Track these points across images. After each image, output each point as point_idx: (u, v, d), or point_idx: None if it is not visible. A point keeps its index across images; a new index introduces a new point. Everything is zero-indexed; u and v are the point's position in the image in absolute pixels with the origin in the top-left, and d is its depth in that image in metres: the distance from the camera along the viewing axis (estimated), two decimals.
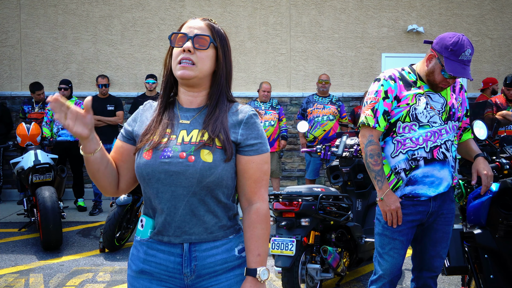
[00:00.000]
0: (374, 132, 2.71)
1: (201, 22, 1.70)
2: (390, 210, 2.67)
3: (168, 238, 1.64)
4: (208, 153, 1.60)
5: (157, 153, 1.62)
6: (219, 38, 1.70)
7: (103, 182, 1.68)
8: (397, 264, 2.81)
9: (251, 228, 1.66)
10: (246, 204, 1.70)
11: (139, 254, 1.69)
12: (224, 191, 1.65)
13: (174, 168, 1.59)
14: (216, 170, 1.60)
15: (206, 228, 1.64)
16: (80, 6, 8.44)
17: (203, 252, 1.64)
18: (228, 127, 1.65)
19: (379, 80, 2.74)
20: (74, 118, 1.51)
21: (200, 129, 1.64)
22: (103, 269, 4.70)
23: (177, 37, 1.68)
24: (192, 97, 1.71)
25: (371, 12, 8.65)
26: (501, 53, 8.80)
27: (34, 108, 7.66)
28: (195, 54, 1.64)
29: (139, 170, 1.63)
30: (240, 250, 1.70)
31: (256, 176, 1.67)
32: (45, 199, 5.18)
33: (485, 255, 3.18)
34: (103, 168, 1.65)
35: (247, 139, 1.66)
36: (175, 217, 1.61)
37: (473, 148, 2.92)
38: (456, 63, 2.55)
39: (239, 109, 1.70)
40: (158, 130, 1.66)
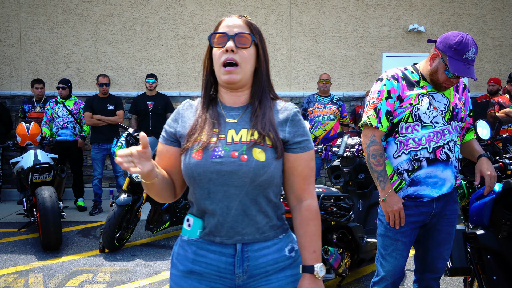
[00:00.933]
0: (377, 132, 2.68)
1: (238, 19, 1.68)
2: (392, 211, 2.65)
3: (221, 238, 1.62)
4: (260, 151, 1.59)
5: (208, 153, 1.60)
6: (258, 35, 1.70)
7: (166, 196, 1.68)
8: (400, 265, 2.78)
9: (304, 225, 1.65)
10: (295, 201, 1.69)
11: (187, 254, 1.67)
12: (274, 190, 1.64)
13: (226, 168, 1.58)
14: (269, 168, 1.59)
15: (258, 228, 1.63)
16: (80, 5, 8.41)
17: (255, 252, 1.63)
18: (276, 125, 1.64)
19: (381, 80, 2.71)
20: (139, 159, 1.48)
21: (249, 128, 1.63)
22: (103, 269, 4.68)
23: (217, 37, 1.66)
24: (235, 96, 1.70)
25: (372, 12, 8.63)
26: (502, 53, 8.77)
27: (34, 107, 7.64)
28: (237, 53, 1.62)
29: (189, 171, 1.61)
30: (290, 250, 1.68)
31: (305, 173, 1.67)
32: (45, 199, 5.15)
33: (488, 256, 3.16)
34: (165, 187, 1.65)
35: (295, 136, 1.65)
36: (228, 217, 1.60)
37: (476, 148, 2.89)
38: (460, 62, 2.52)
39: (284, 107, 1.69)
40: (205, 130, 1.64)
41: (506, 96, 6.14)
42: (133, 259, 5.01)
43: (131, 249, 5.36)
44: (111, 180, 8.34)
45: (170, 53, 8.54)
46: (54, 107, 7.34)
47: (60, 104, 7.35)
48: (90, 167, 8.13)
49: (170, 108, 7.85)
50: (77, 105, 7.44)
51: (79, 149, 7.43)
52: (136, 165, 1.46)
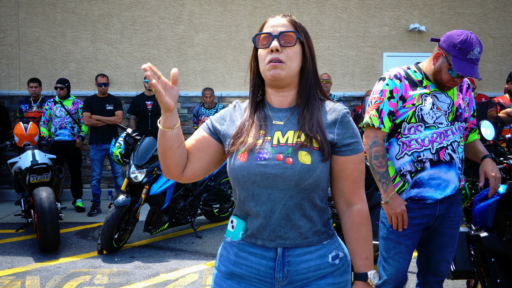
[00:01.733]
0: (379, 133, 2.62)
1: (282, 19, 1.65)
2: (395, 213, 2.59)
3: (262, 241, 1.59)
4: (306, 154, 1.55)
5: (253, 155, 1.57)
6: (304, 33, 1.66)
7: (171, 161, 1.60)
8: (402, 268, 2.73)
9: (356, 231, 1.61)
10: (345, 206, 1.64)
11: (229, 255, 1.65)
12: (320, 194, 1.59)
13: (271, 171, 1.54)
14: (315, 172, 1.54)
15: (301, 233, 1.58)
16: (79, 5, 8.36)
17: (297, 257, 1.59)
18: (324, 126, 1.60)
19: (384, 79, 2.65)
20: (164, 87, 1.47)
21: (296, 129, 1.60)
22: (101, 271, 4.63)
23: (261, 38, 1.63)
24: (282, 97, 1.66)
25: (372, 11, 8.58)
26: (504, 52, 8.72)
27: (31, 106, 7.59)
28: (283, 52, 1.59)
29: (234, 173, 1.59)
30: (334, 257, 1.63)
31: (354, 176, 1.62)
32: (42, 200, 5.10)
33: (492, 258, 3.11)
34: (176, 146, 1.58)
35: (344, 138, 1.60)
36: (271, 220, 1.57)
37: (480, 149, 2.83)
38: (464, 62, 2.46)
39: (332, 107, 1.64)
40: (252, 132, 1.62)
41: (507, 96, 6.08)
42: (131, 260, 4.95)
43: (129, 250, 5.31)
44: (110, 181, 8.30)
45: (170, 52, 8.48)
46: (52, 107, 7.29)
47: (58, 104, 7.29)
48: (89, 167, 8.08)
49: None
50: (75, 105, 7.39)
51: (78, 150, 7.38)
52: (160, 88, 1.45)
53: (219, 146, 1.69)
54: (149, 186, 5.32)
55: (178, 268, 4.72)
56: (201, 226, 6.33)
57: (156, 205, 5.43)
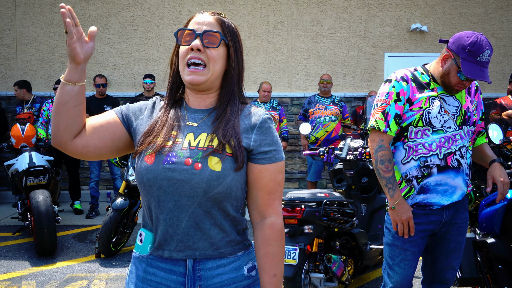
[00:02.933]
0: (385, 136, 2.54)
1: (210, 16, 1.54)
2: (401, 220, 2.51)
3: (170, 253, 1.47)
4: (217, 161, 1.44)
5: (160, 157, 1.46)
6: (231, 34, 1.55)
7: (62, 120, 1.45)
8: (408, 276, 2.65)
9: (266, 245, 1.51)
10: (258, 218, 1.54)
11: (137, 272, 1.53)
12: (233, 203, 1.49)
13: (178, 176, 1.43)
14: (225, 180, 1.44)
15: (212, 243, 1.47)
16: (77, 5, 8.27)
17: (209, 271, 1.48)
18: (240, 132, 1.50)
19: (390, 81, 2.56)
20: (78, 37, 1.39)
21: (209, 133, 1.49)
22: (98, 276, 4.54)
23: (184, 34, 1.52)
24: (200, 98, 1.56)
25: (373, 11, 8.50)
26: (506, 53, 8.64)
27: (23, 108, 7.48)
28: (204, 52, 1.49)
29: (140, 176, 1.48)
30: (250, 268, 1.54)
31: (269, 187, 1.51)
32: (39, 203, 5.01)
33: (499, 265, 3.04)
34: (71, 105, 1.44)
35: (261, 145, 1.50)
36: (178, 229, 1.46)
37: (488, 153, 2.75)
38: (474, 64, 2.38)
39: (252, 112, 1.54)
40: (163, 132, 1.50)
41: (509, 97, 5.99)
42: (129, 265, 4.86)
43: (127, 254, 5.23)
44: (109, 182, 8.21)
45: (169, 53, 8.36)
46: (50, 108, 7.20)
47: None
48: (87, 169, 7.99)
49: None
50: None
51: None
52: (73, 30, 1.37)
53: (125, 135, 1.56)
54: None
55: None
56: None
57: None
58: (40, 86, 8.29)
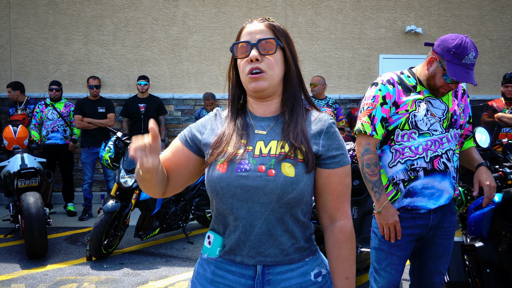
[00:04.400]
0: (371, 140, 2.53)
1: (260, 24, 1.55)
2: (387, 224, 2.50)
3: (241, 258, 1.49)
4: (290, 166, 1.45)
5: (233, 165, 1.48)
6: (284, 37, 1.56)
7: (153, 193, 1.56)
8: (395, 280, 2.64)
9: (337, 249, 1.52)
10: (328, 221, 1.55)
11: (205, 273, 1.55)
12: (303, 209, 1.50)
13: (252, 183, 1.45)
14: (299, 185, 1.45)
15: (283, 249, 1.49)
16: (71, 6, 8.25)
17: (277, 276, 1.49)
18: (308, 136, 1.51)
19: (376, 85, 2.55)
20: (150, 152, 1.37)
21: (279, 140, 1.51)
22: (89, 279, 4.52)
23: (239, 47, 1.54)
24: (265, 106, 1.58)
25: (368, 13, 8.49)
26: (501, 55, 8.64)
27: (17, 110, 7.45)
28: (263, 61, 1.50)
29: (212, 184, 1.49)
30: (316, 274, 1.54)
31: (339, 191, 1.53)
32: (30, 205, 4.98)
33: (487, 269, 3.02)
34: (159, 184, 1.53)
35: (329, 150, 1.51)
36: (251, 236, 1.47)
37: (475, 157, 2.74)
38: (459, 67, 2.37)
39: (318, 117, 1.57)
40: (232, 141, 1.52)
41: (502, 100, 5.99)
42: (120, 267, 4.84)
43: (119, 256, 5.20)
44: (102, 184, 8.18)
45: (163, 54, 8.38)
46: (44, 110, 7.18)
47: (50, 106, 7.18)
48: (80, 171, 7.96)
49: (162, 110, 7.70)
50: (67, 108, 7.28)
51: (70, 153, 7.27)
52: (148, 157, 1.36)
53: (198, 159, 1.60)
54: (139, 191, 5.21)
55: (167, 276, 4.61)
56: (193, 231, 6.22)
57: (146, 210, 5.33)
58: (34, 87, 8.27)
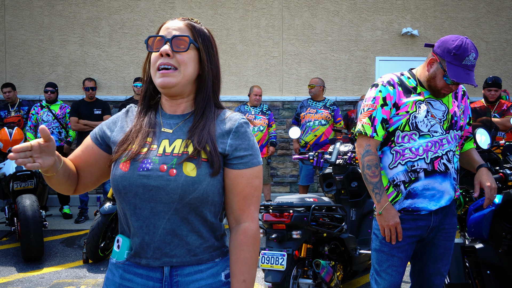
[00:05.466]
0: (372, 141, 2.52)
1: (180, 22, 1.53)
2: (389, 225, 2.49)
3: (146, 260, 1.46)
4: (193, 167, 1.43)
5: (135, 164, 1.45)
6: (201, 38, 1.54)
7: (62, 190, 1.57)
8: (396, 282, 2.62)
9: (238, 251, 1.49)
10: (234, 223, 1.53)
11: (114, 278, 1.51)
12: (210, 209, 1.47)
13: (153, 182, 1.42)
14: (201, 185, 1.42)
15: (190, 249, 1.46)
16: (67, 8, 8.22)
17: (186, 277, 1.46)
18: (216, 136, 1.48)
19: (376, 86, 2.54)
20: (39, 152, 1.34)
21: (184, 139, 1.48)
22: (86, 282, 4.48)
23: (155, 41, 1.51)
24: (175, 104, 1.55)
25: (365, 15, 8.50)
26: (496, 57, 8.67)
27: (10, 112, 7.39)
28: (174, 57, 1.48)
29: (115, 183, 1.47)
30: (227, 275, 1.52)
31: (245, 192, 1.50)
32: (26, 208, 4.95)
33: (488, 271, 3.02)
34: (64, 181, 1.52)
35: (236, 150, 1.49)
36: (155, 237, 1.44)
37: (476, 159, 2.73)
38: (460, 68, 2.36)
39: (228, 117, 1.54)
40: (138, 139, 1.49)
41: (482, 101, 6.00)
42: None
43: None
44: (98, 187, 8.15)
45: None
46: (39, 112, 7.13)
47: (45, 108, 7.14)
48: None
49: None
50: (62, 110, 7.24)
51: (65, 155, 7.22)
52: (35, 160, 1.33)
53: (108, 157, 1.57)
54: None
55: None
56: None
57: None
58: (29, 89, 8.22)
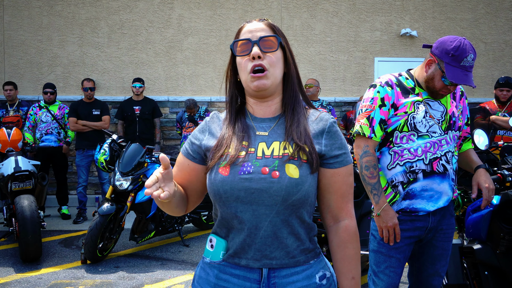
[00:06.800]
0: (370, 142, 2.52)
1: (260, 23, 1.54)
2: (387, 226, 2.48)
3: (247, 261, 1.46)
4: (294, 167, 1.43)
5: (236, 168, 1.45)
6: (283, 37, 1.55)
7: (176, 212, 1.56)
8: (394, 283, 2.62)
9: (342, 248, 1.50)
10: (332, 221, 1.53)
11: (208, 277, 1.52)
12: (308, 210, 1.48)
13: (256, 185, 1.42)
14: (303, 186, 1.43)
15: (288, 252, 1.46)
16: (65, 8, 8.21)
17: (283, 279, 1.47)
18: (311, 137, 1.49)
19: (375, 87, 2.54)
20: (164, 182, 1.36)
21: (282, 140, 1.49)
22: (84, 282, 4.48)
23: (239, 45, 1.52)
24: (265, 106, 1.55)
25: (363, 16, 8.50)
26: (495, 58, 8.68)
27: (8, 111, 7.38)
28: (265, 59, 1.48)
29: (215, 188, 1.46)
30: (321, 277, 1.52)
31: (342, 190, 1.51)
32: (24, 208, 4.94)
33: (485, 271, 3.01)
34: (180, 203, 1.54)
35: (332, 149, 1.50)
36: (256, 239, 1.45)
37: (474, 159, 2.73)
38: (458, 69, 2.36)
39: (319, 117, 1.54)
40: (233, 144, 1.49)
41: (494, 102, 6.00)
42: (116, 271, 4.80)
43: (114, 260, 5.16)
44: (97, 187, 8.14)
45: (158, 57, 8.35)
46: (38, 112, 7.13)
47: (44, 109, 7.13)
48: (75, 173, 7.92)
49: (157, 113, 7.66)
50: (61, 110, 7.24)
51: (64, 156, 7.22)
52: (163, 188, 1.34)
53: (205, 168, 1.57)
54: (135, 194, 5.18)
55: (163, 279, 4.58)
56: (189, 234, 6.19)
57: (142, 213, 5.30)
58: (28, 89, 8.22)
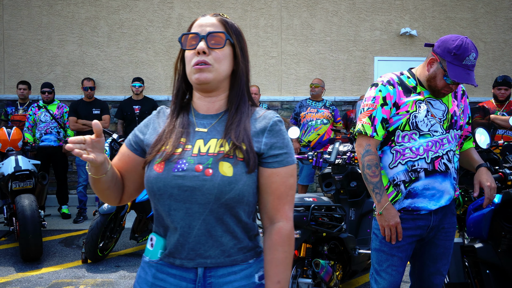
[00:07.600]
0: (372, 141, 2.52)
1: (212, 18, 1.52)
2: (389, 225, 2.49)
3: (181, 261, 1.44)
4: (229, 166, 1.41)
5: (170, 165, 1.43)
6: (235, 34, 1.54)
7: (110, 198, 1.55)
8: (396, 282, 2.63)
9: (272, 251, 1.47)
10: (268, 223, 1.50)
11: (146, 277, 1.50)
12: (245, 209, 1.46)
13: (189, 183, 1.41)
14: (237, 185, 1.41)
15: (224, 250, 1.44)
16: (65, 7, 8.21)
17: (219, 278, 1.45)
18: (251, 135, 1.47)
19: (376, 85, 2.55)
20: (91, 147, 1.38)
21: (219, 138, 1.47)
22: (84, 281, 4.48)
23: (188, 38, 1.50)
24: (209, 102, 1.54)
25: (363, 15, 8.51)
26: (495, 57, 8.69)
27: (18, 109, 7.40)
28: (210, 55, 1.47)
29: (149, 185, 1.45)
30: (261, 276, 1.50)
31: (280, 191, 1.48)
32: (24, 208, 4.94)
33: (487, 270, 3.02)
34: (112, 185, 1.52)
35: (271, 148, 1.47)
36: (189, 237, 1.43)
37: (475, 158, 2.74)
38: (460, 68, 2.36)
39: (262, 115, 1.52)
40: (171, 140, 1.48)
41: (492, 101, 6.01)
42: (116, 270, 4.81)
43: (115, 259, 5.16)
44: None
45: (158, 56, 8.35)
46: (37, 112, 7.12)
47: (43, 109, 7.13)
48: (75, 173, 7.92)
49: None
50: (60, 109, 7.23)
51: (64, 155, 7.22)
52: (89, 153, 1.37)
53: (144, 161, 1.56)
54: None
55: None
56: None
57: (142, 212, 5.29)
58: None
